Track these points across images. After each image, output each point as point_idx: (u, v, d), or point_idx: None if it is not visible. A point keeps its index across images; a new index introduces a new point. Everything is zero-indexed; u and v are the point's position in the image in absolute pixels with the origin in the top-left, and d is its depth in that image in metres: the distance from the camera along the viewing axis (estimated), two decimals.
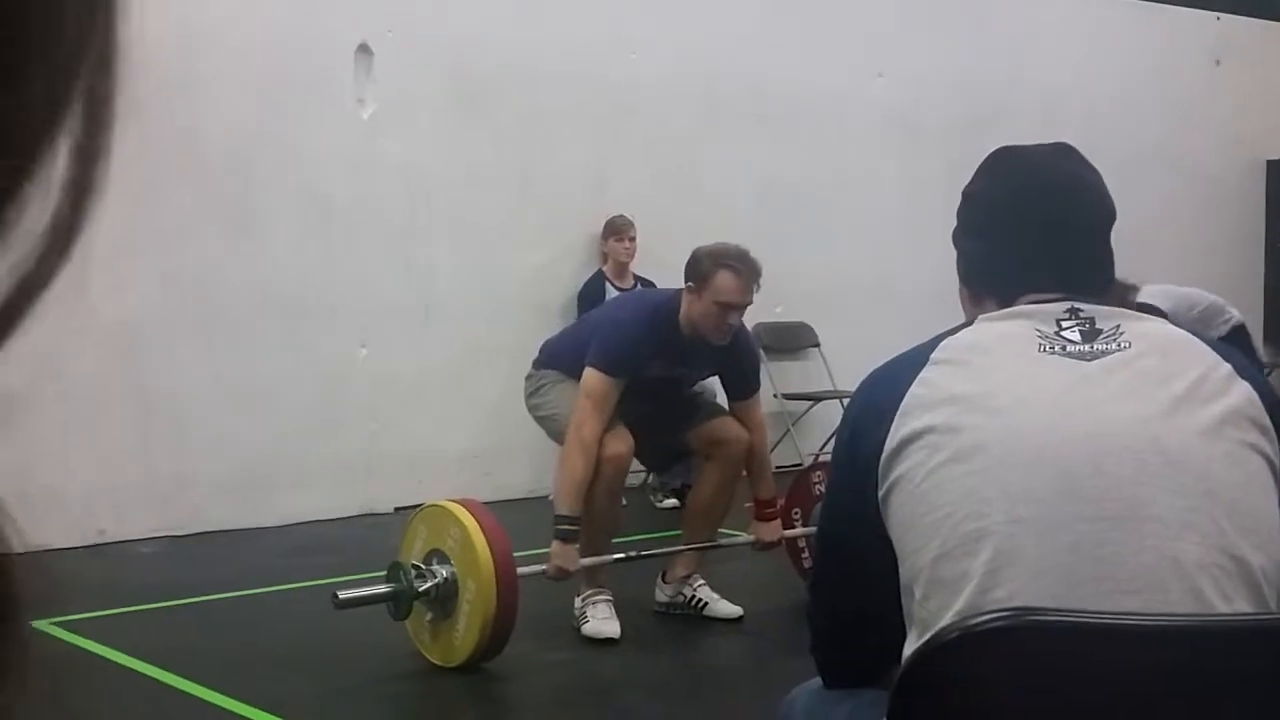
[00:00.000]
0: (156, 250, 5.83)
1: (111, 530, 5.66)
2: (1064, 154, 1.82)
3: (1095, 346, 1.61)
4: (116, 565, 5.29)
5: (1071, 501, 1.50)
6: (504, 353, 6.77)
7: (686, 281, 4.38)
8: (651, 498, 6.81)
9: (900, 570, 1.59)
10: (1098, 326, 1.63)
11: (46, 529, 5.00)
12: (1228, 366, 1.60)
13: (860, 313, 7.62)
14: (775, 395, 7.53)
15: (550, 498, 6.55)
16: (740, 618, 4.58)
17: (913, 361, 1.65)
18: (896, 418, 1.60)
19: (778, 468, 7.48)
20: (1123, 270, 2.00)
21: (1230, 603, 1.47)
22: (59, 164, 0.34)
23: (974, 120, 7.79)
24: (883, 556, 1.61)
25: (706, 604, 4.62)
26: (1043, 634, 1.40)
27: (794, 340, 7.72)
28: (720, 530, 4.76)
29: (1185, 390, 1.56)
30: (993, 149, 1.89)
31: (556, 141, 5.05)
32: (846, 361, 6.90)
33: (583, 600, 4.45)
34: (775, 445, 7.49)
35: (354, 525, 6.24)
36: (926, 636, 1.47)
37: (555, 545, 4.26)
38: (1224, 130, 9.67)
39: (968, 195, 1.85)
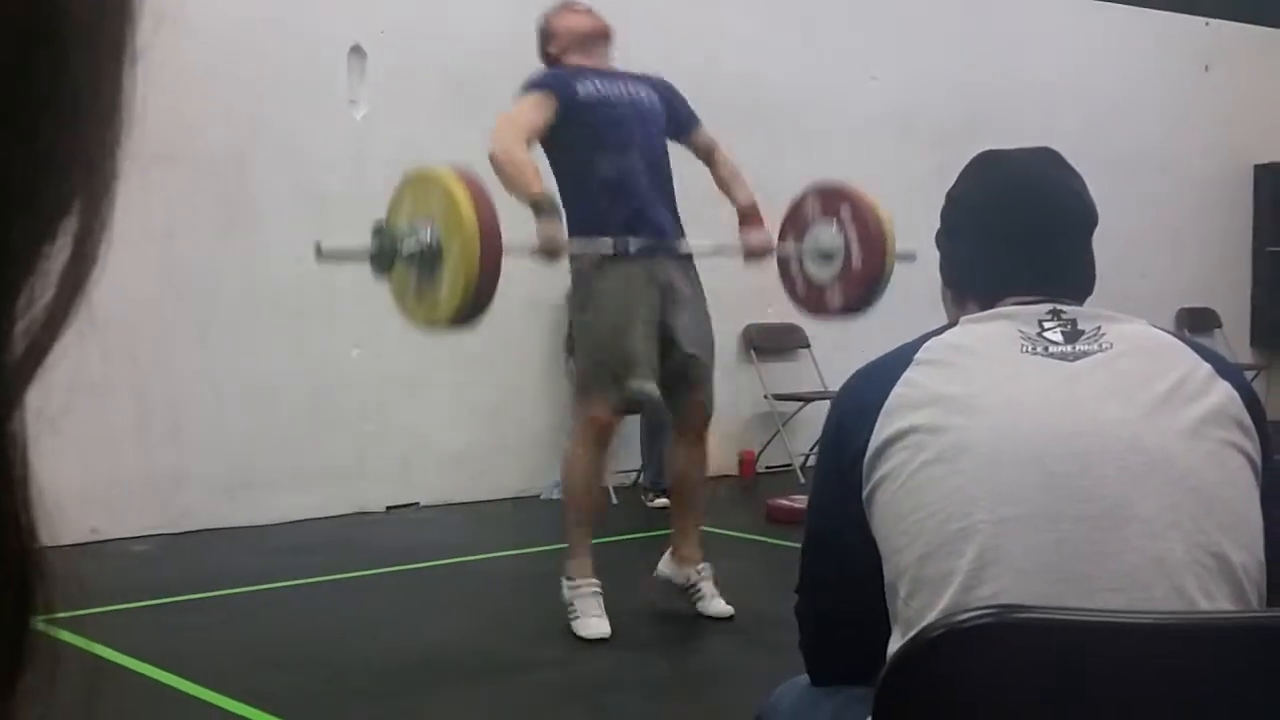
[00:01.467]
0: (151, 247, 5.82)
1: (104, 528, 5.65)
2: (1047, 158, 1.84)
3: (1077, 347, 1.62)
4: (108, 564, 5.28)
5: (1056, 501, 1.51)
6: (497, 353, 6.78)
7: (545, 50, 4.55)
8: (643, 497, 6.82)
9: (885, 569, 1.60)
10: (1079, 328, 1.64)
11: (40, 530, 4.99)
12: (1208, 367, 1.62)
13: None
14: (765, 396, 7.55)
15: (542, 495, 6.57)
16: (731, 617, 4.58)
17: (896, 361, 1.66)
18: (880, 417, 1.61)
19: (768, 467, 7.53)
20: (1115, 270, 2.01)
21: (1213, 600, 1.48)
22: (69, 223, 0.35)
23: (967, 123, 7.81)
24: (868, 555, 1.62)
25: (702, 598, 4.60)
26: (1027, 632, 1.41)
27: (784, 341, 7.73)
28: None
29: (1167, 390, 1.58)
30: (982, 150, 1.91)
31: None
32: (836, 362, 6.91)
33: (572, 590, 4.45)
34: (765, 446, 7.53)
35: (347, 524, 6.24)
36: (911, 634, 1.48)
37: (540, 224, 4.24)
38: (1213, 135, 9.70)
39: (951, 198, 1.86)
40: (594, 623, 4.38)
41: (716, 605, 4.59)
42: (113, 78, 0.36)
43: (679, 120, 4.61)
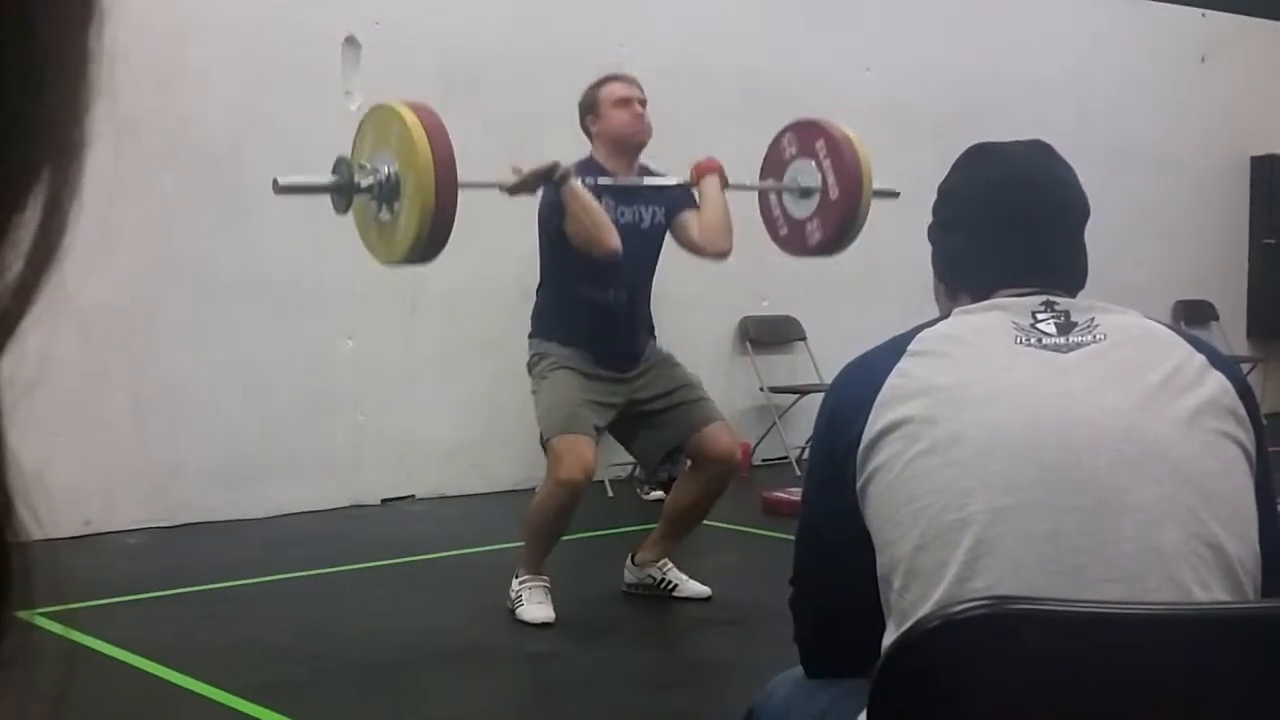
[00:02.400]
0: (146, 238, 5.82)
1: (97, 521, 5.65)
2: (1038, 150, 1.84)
3: (1071, 339, 1.62)
4: (102, 556, 5.28)
5: (1050, 492, 1.51)
6: (492, 344, 6.77)
7: (584, 123, 4.59)
8: (638, 490, 6.82)
9: (878, 561, 1.60)
10: (1073, 319, 1.65)
11: (27, 519, 4.98)
12: (1201, 357, 1.62)
13: (846, 306, 7.63)
14: (761, 389, 7.55)
15: (537, 489, 6.57)
16: (709, 597, 4.63)
17: (890, 353, 1.66)
18: (874, 409, 1.62)
19: (763, 460, 7.53)
20: (1111, 262, 2.01)
21: (1208, 591, 1.49)
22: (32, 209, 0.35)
23: (963, 115, 7.79)
24: (862, 547, 1.62)
25: (676, 585, 4.67)
26: (1022, 623, 1.41)
27: (780, 333, 7.73)
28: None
29: (1161, 381, 1.58)
30: (976, 143, 1.91)
31: (545, 132, 5.06)
32: (832, 355, 6.89)
33: (520, 583, 4.47)
34: (761, 439, 7.53)
35: (342, 517, 6.24)
36: (906, 626, 1.48)
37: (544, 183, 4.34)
38: (1210, 126, 9.69)
39: (943, 191, 1.86)
40: (536, 609, 4.41)
41: (693, 587, 4.67)
42: (80, 43, 0.35)
43: (682, 211, 4.59)
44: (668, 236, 4.60)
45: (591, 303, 4.42)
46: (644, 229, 4.50)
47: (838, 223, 4.69)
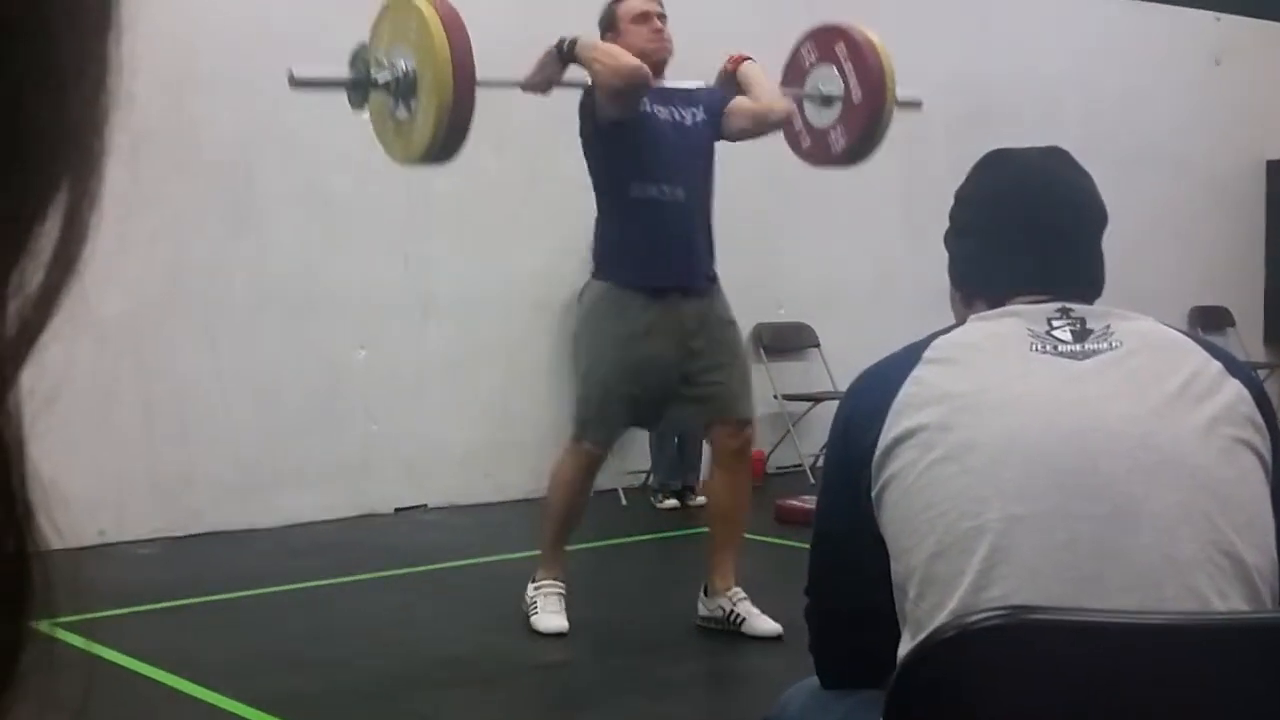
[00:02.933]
0: (158, 247, 5.83)
1: (111, 531, 5.66)
2: (1055, 157, 1.83)
3: (1086, 346, 1.61)
4: (116, 566, 5.29)
5: (1067, 499, 1.51)
6: (503, 352, 6.78)
7: (604, 39, 4.37)
8: (652, 499, 6.81)
9: (893, 569, 1.60)
10: (1089, 326, 1.64)
11: (46, 529, 4.99)
12: (1218, 364, 1.61)
13: (860, 313, 7.63)
14: (775, 396, 7.54)
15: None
16: (780, 636, 4.32)
17: (905, 360, 1.66)
18: (889, 416, 1.61)
19: (778, 468, 7.52)
20: (1126, 267, 2.01)
21: (1226, 600, 1.48)
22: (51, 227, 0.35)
23: (975, 119, 7.79)
24: (877, 555, 1.62)
25: (744, 619, 4.43)
26: (1040, 632, 1.40)
27: (794, 341, 7.73)
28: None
29: (1177, 388, 1.57)
30: (992, 147, 1.90)
31: (558, 141, 5.05)
32: (847, 362, 6.90)
33: (535, 588, 4.45)
34: (776, 446, 7.52)
35: (354, 526, 6.24)
36: (922, 636, 1.47)
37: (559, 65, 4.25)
38: (1224, 130, 9.66)
39: (959, 197, 1.86)
40: (551, 618, 4.39)
41: (763, 624, 4.38)
42: (98, 53, 0.36)
43: (724, 104, 4.47)
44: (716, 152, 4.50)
45: (643, 201, 4.25)
46: (687, 125, 4.37)
47: (862, 128, 4.66)
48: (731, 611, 4.44)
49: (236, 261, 6.08)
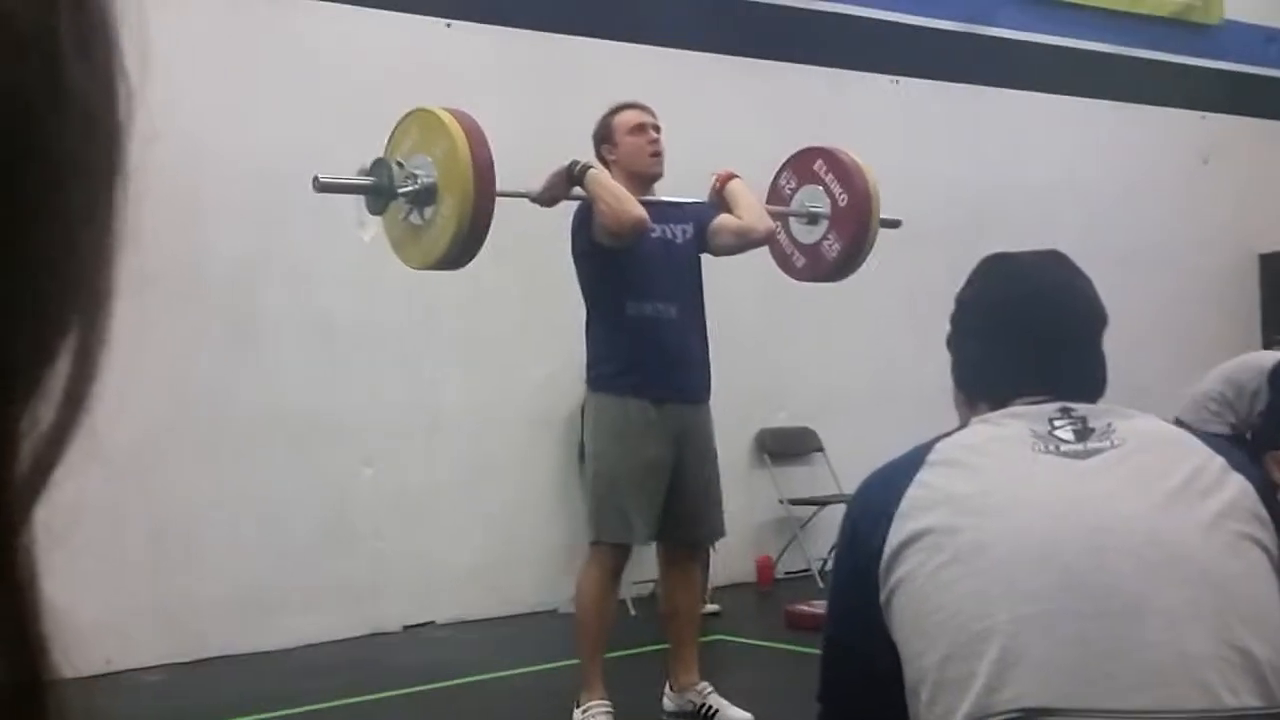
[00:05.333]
0: (164, 371, 5.85)
1: (117, 659, 5.61)
2: (1053, 259, 1.85)
3: (1089, 445, 1.62)
4: (123, 695, 5.23)
5: (1075, 599, 1.50)
6: (508, 467, 6.77)
7: (599, 151, 4.51)
8: (660, 608, 6.75)
9: (905, 673, 1.59)
10: (1090, 425, 1.65)
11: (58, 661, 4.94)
12: (1221, 459, 1.62)
13: (863, 416, 7.62)
14: (781, 501, 7.52)
15: (558, 609, 6.52)
16: None
17: (909, 463, 1.66)
18: (895, 520, 1.61)
19: (786, 573, 7.47)
20: (1124, 363, 2.01)
21: (1237, 696, 1.46)
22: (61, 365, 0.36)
23: (972, 223, 7.85)
24: (888, 659, 1.61)
25: (717, 711, 4.56)
26: None
27: (798, 445, 7.72)
28: None
29: (1180, 484, 1.57)
30: (990, 251, 1.92)
31: (554, 257, 5.10)
32: (851, 465, 6.88)
33: (583, 712, 4.41)
34: (783, 551, 7.48)
35: (363, 645, 6.19)
36: None
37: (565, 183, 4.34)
38: (1216, 226, 9.74)
39: (961, 301, 1.88)
40: None
41: (734, 714, 4.55)
42: (105, 198, 0.37)
43: (710, 219, 4.57)
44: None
45: (639, 319, 4.36)
46: (678, 244, 4.47)
47: (853, 228, 4.81)
48: (703, 704, 4.57)
49: (241, 384, 6.10)
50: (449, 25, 6.76)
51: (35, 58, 0.34)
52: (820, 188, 4.91)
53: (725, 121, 7.33)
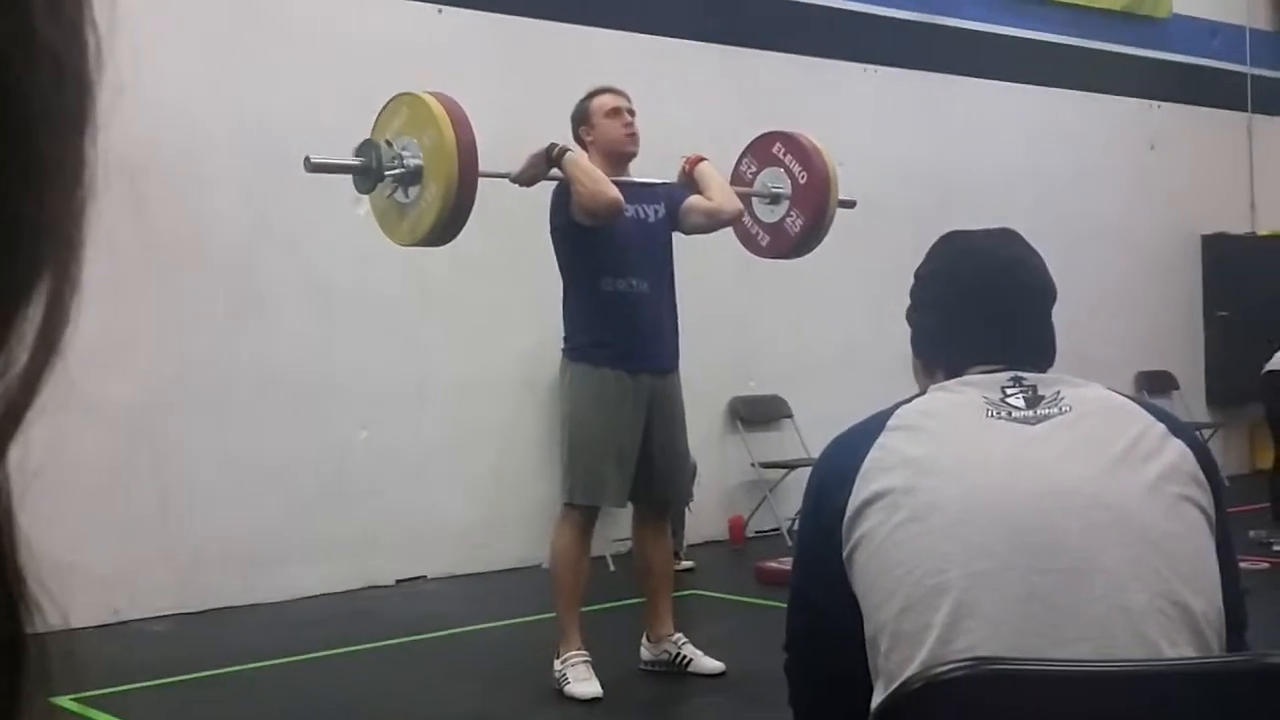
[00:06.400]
0: (168, 337, 5.84)
1: (125, 609, 5.61)
2: (1007, 238, 1.86)
3: (1038, 411, 1.63)
4: (131, 643, 5.24)
5: (1025, 555, 1.51)
6: (495, 431, 6.78)
7: (577, 134, 4.54)
8: None
9: (865, 625, 1.60)
10: (1040, 393, 1.66)
11: (61, 609, 4.94)
12: (1162, 426, 1.63)
13: (828, 384, 7.64)
14: (752, 464, 7.54)
15: (542, 565, 6.54)
16: (723, 673, 4.56)
17: (871, 428, 1.67)
18: (857, 481, 1.62)
19: (756, 532, 7.50)
20: (1075, 336, 2.03)
21: (1175, 647, 1.48)
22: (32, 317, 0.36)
23: (933, 204, 7.86)
24: (850, 612, 1.62)
25: (691, 660, 4.60)
26: (1001, 682, 1.40)
27: (768, 412, 7.74)
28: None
29: (1124, 449, 1.59)
30: (948, 230, 1.93)
31: (539, 232, 5.09)
32: (818, 431, 6.89)
33: (562, 663, 4.42)
34: (754, 512, 7.51)
35: (358, 598, 6.20)
36: (892, 688, 1.47)
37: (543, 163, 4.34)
38: (1162, 209, 9.79)
39: (919, 276, 1.89)
40: (583, 685, 4.37)
41: (707, 663, 4.60)
42: (76, 148, 0.36)
43: (683, 199, 4.60)
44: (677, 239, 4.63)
45: (614, 294, 4.38)
46: (650, 223, 4.50)
47: (814, 204, 4.83)
48: (678, 654, 4.62)
49: (242, 350, 6.08)
50: (440, 11, 6.72)
51: (7, 11, 0.33)
52: (780, 169, 4.94)
53: (701, 106, 7.32)
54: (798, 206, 4.90)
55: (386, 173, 4.06)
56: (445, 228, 4.01)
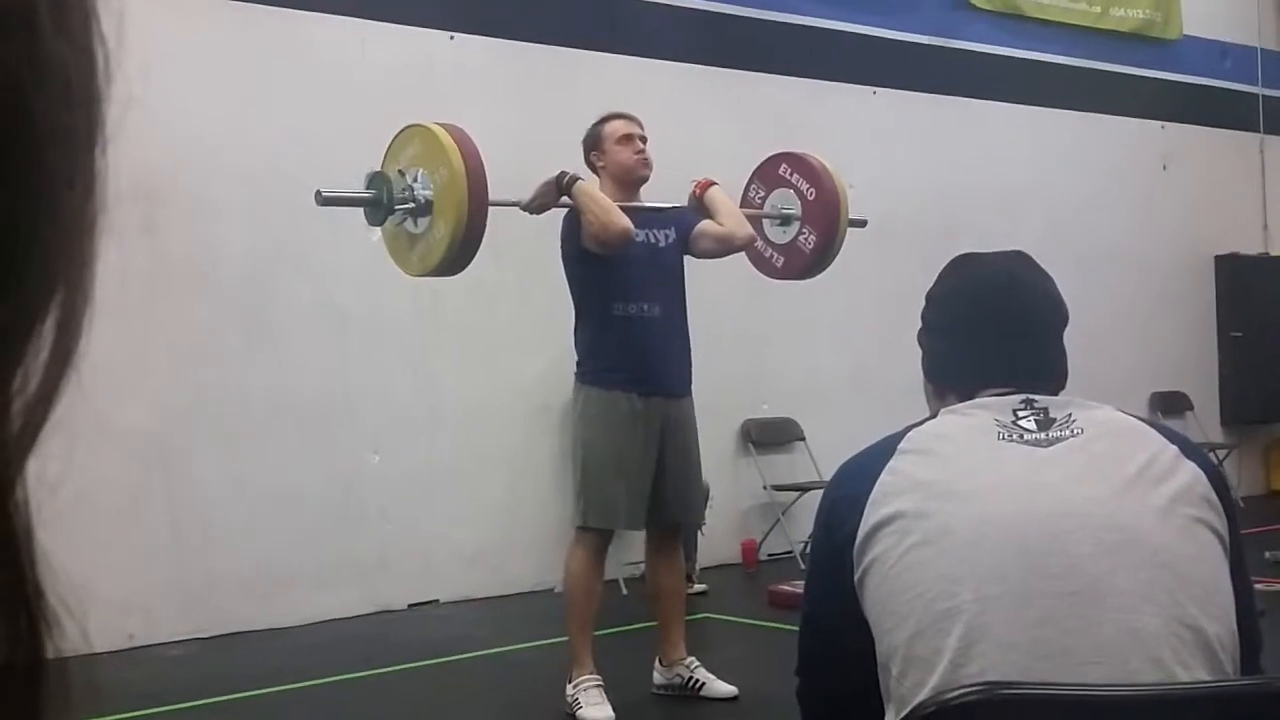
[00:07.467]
0: (181, 363, 5.86)
1: (140, 634, 5.61)
2: (1018, 259, 1.86)
3: (1050, 434, 1.62)
4: (146, 669, 5.23)
5: (1037, 579, 1.51)
6: (508, 455, 6.78)
7: (589, 158, 4.55)
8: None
9: (877, 649, 1.59)
10: (1051, 415, 1.65)
11: (81, 626, 4.94)
12: (1174, 448, 1.62)
13: (841, 407, 7.63)
14: (765, 487, 7.53)
15: (555, 589, 6.53)
16: (736, 697, 4.54)
17: (882, 451, 1.67)
18: (868, 505, 1.62)
19: (769, 555, 7.48)
20: (1088, 358, 2.02)
21: (1189, 670, 1.47)
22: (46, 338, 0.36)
23: (942, 226, 7.85)
24: (862, 636, 1.61)
25: (704, 684, 4.58)
26: (1014, 707, 1.39)
27: (780, 434, 7.73)
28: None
29: (1136, 471, 1.58)
30: (960, 252, 1.93)
31: (550, 257, 5.10)
32: (830, 453, 6.89)
33: (574, 687, 4.41)
34: (767, 534, 7.49)
35: (370, 622, 6.19)
36: (904, 713, 1.47)
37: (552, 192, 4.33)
38: (1174, 229, 9.77)
39: (931, 298, 1.88)
40: (596, 710, 4.35)
41: (720, 687, 4.58)
42: (85, 165, 0.36)
43: (695, 225, 4.58)
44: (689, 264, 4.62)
45: (625, 319, 4.38)
46: (661, 247, 4.50)
47: (826, 219, 4.82)
48: (690, 678, 4.60)
49: (256, 374, 6.09)
50: (452, 38, 6.75)
51: (16, 32, 0.34)
52: (789, 190, 4.93)
53: (709, 130, 7.33)
54: (810, 223, 4.89)
55: (397, 206, 4.07)
56: (455, 260, 4.02)
